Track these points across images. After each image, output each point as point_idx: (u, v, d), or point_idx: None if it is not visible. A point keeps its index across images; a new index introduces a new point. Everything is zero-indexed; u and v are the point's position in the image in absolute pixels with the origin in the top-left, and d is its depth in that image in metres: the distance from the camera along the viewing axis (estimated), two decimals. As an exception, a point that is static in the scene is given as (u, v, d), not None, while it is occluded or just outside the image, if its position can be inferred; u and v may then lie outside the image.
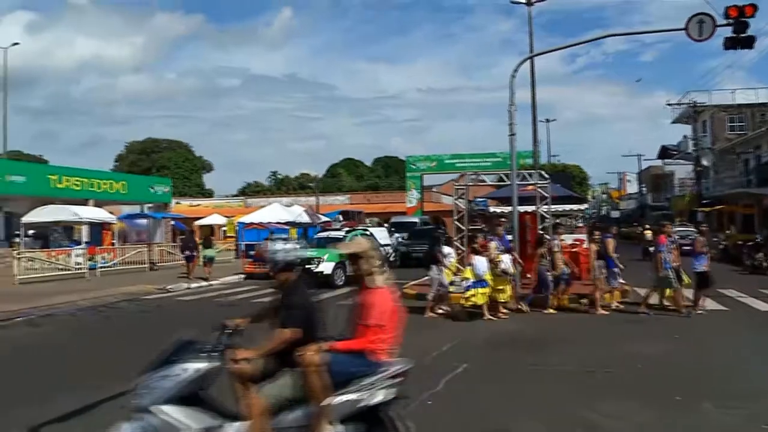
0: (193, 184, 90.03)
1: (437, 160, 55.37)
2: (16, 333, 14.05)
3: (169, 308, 18.10)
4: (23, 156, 75.97)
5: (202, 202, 74.27)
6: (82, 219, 30.53)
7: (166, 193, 44.74)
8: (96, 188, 37.64)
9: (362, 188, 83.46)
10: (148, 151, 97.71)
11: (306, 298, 5.89)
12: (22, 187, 33.37)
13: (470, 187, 20.58)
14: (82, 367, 10.33)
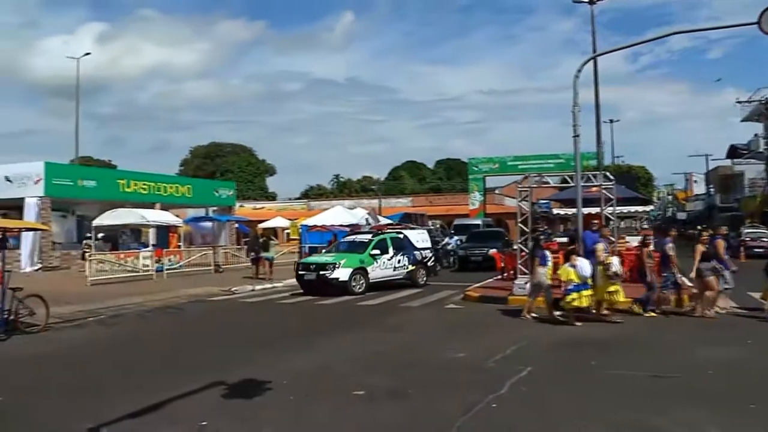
0: (256, 188, 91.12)
1: (499, 162, 55.03)
2: (88, 332, 14.37)
3: (234, 310, 18.33)
4: (93, 161, 77.99)
5: (265, 205, 75.09)
6: (150, 222, 31.12)
7: (231, 197, 45.34)
8: (162, 192, 38.37)
9: (424, 191, 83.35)
10: (212, 155, 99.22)
11: None
12: (93, 191, 34.25)
13: (534, 189, 20.31)
14: (152, 365, 10.52)
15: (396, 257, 22.47)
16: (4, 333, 13.14)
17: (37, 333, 13.73)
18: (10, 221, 19.95)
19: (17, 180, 32.82)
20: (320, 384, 8.96)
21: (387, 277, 22.21)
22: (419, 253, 23.39)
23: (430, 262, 24.17)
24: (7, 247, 14.59)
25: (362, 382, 8.85)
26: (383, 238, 22.78)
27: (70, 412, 7.78)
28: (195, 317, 17.00)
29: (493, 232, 34.68)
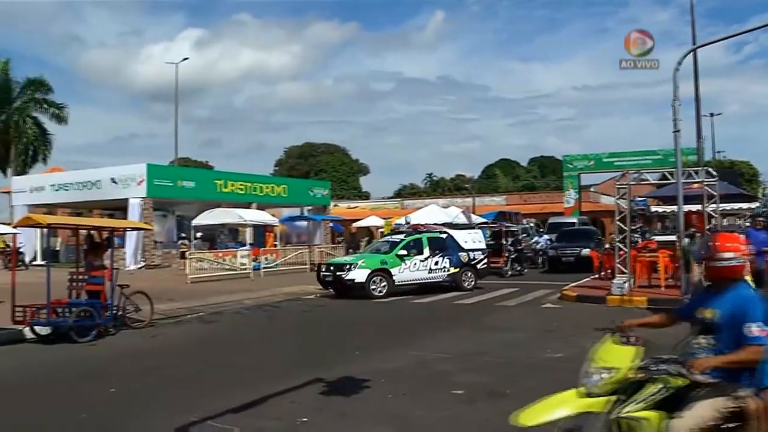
0: (350, 187, 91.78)
1: (595, 159, 53.89)
2: (189, 328, 14.80)
3: (330, 308, 18.55)
4: (191, 162, 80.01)
5: (359, 204, 75.56)
6: (247, 222, 31.78)
7: (326, 196, 45.88)
8: (259, 192, 39.13)
9: (518, 189, 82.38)
10: (306, 155, 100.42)
11: None
12: (192, 191, 35.21)
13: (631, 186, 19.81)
14: (251, 361, 10.75)
15: (433, 258, 21.30)
16: (113, 327, 13.67)
17: (142, 328, 14.23)
18: (117, 221, 20.72)
19: (122, 181, 34.06)
20: (418, 382, 8.98)
21: (420, 280, 21.11)
22: (466, 254, 22.03)
23: (481, 264, 22.61)
24: (112, 246, 15.13)
25: (460, 381, 8.85)
26: (417, 239, 21.76)
27: (176, 404, 8.03)
28: (292, 315, 17.27)
29: (585, 231, 32.90)
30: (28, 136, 48.40)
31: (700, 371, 4.01)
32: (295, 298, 20.61)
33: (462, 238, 22.51)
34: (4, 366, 10.61)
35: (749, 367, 4.12)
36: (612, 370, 4.29)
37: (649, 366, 4.23)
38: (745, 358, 4.10)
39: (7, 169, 48.93)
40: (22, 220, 15.68)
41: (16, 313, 12.93)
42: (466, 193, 69.05)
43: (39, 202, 37.79)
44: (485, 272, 23.13)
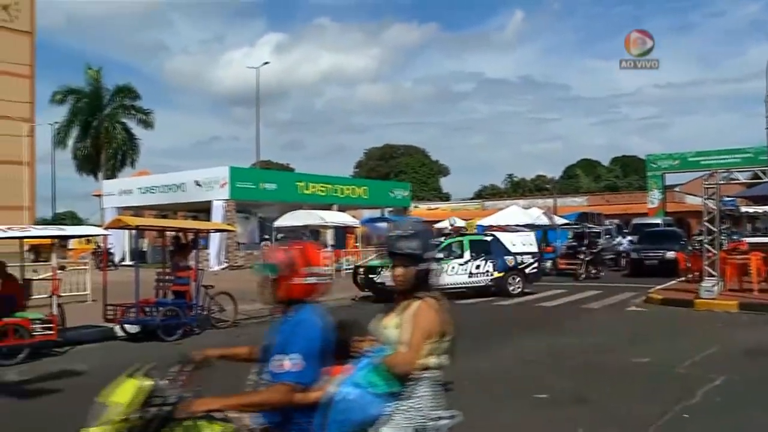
0: (430, 188, 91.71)
1: (680, 158, 52.39)
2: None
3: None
4: (273, 165, 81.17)
5: (439, 206, 75.41)
6: (328, 223, 32.00)
7: (406, 197, 45.91)
8: (339, 193, 39.41)
9: (600, 189, 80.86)
10: (386, 157, 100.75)
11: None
12: (274, 193, 35.68)
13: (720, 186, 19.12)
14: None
15: (474, 262, 20.51)
16: (198, 327, 13.91)
17: (226, 328, 14.45)
18: (202, 223, 21.12)
19: (206, 184, 34.76)
20: (502, 386, 8.86)
21: (459, 284, 20.07)
22: (512, 258, 20.94)
23: (530, 269, 21.36)
24: (197, 247, 15.40)
25: (544, 385, 8.69)
26: (457, 241, 21.30)
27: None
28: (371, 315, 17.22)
29: (670, 232, 31.37)
30: (118, 141, 49.92)
31: (191, 412, 3.25)
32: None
33: (510, 241, 21.58)
34: (97, 362, 10.88)
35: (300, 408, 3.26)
36: (113, 407, 3.43)
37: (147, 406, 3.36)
38: (264, 400, 3.34)
39: (98, 173, 50.55)
40: (113, 222, 16.15)
41: (107, 312, 13.30)
42: (547, 194, 68.18)
43: (127, 204, 38.87)
44: (535, 277, 21.86)
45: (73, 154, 51.44)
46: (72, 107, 50.09)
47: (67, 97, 49.97)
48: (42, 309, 12.01)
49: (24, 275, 12.84)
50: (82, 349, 12.13)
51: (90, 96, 49.82)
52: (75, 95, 49.91)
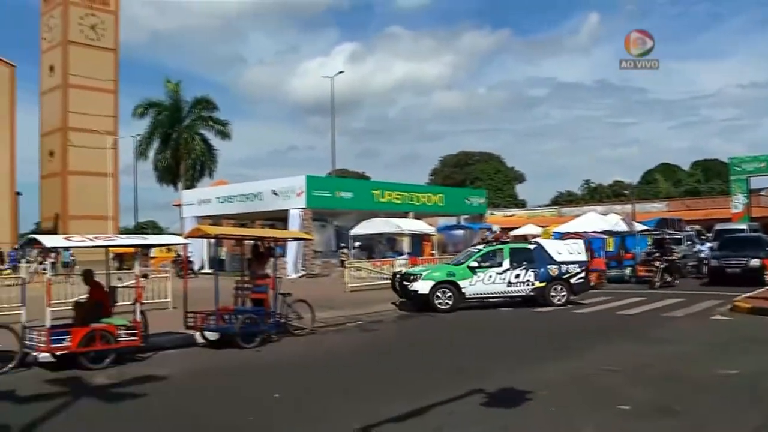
0: (506, 195, 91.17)
1: (766, 161, 50.76)
2: (349, 336, 15.02)
3: (488, 317, 18.32)
4: (348, 173, 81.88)
5: (515, 213, 74.90)
6: (404, 231, 32.01)
7: (482, 205, 45.58)
8: (415, 201, 39.33)
9: (680, 194, 79.06)
10: (461, 164, 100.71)
11: None
12: (350, 202, 35.84)
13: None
14: (411, 371, 10.75)
15: (514, 271, 19.90)
16: (276, 334, 14.06)
17: (304, 335, 14.56)
18: (280, 231, 21.36)
19: (282, 193, 35.13)
20: (581, 396, 8.70)
21: (496, 294, 19.91)
22: (556, 267, 20.25)
23: (576, 279, 20.41)
24: (274, 256, 15.57)
25: (627, 396, 8.47)
26: (496, 250, 20.67)
27: (338, 411, 8.15)
28: (451, 323, 17.19)
29: (753, 239, 29.55)
30: (196, 151, 51.06)
31: None
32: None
33: (556, 250, 20.90)
34: (178, 368, 11.11)
35: None
36: None
37: None
38: None
39: (178, 184, 51.77)
40: (193, 231, 16.47)
41: (188, 319, 13.56)
42: (625, 200, 66.93)
43: (206, 213, 39.58)
44: (582, 287, 20.78)
45: (154, 165, 52.92)
46: (153, 120, 51.56)
47: (148, 110, 51.47)
48: (126, 315, 12.31)
49: (109, 283, 13.17)
50: (163, 355, 12.38)
51: (170, 108, 51.14)
52: (155, 108, 51.33)
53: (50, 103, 78.92)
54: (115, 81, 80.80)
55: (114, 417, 8.24)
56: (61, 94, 76.80)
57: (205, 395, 9.34)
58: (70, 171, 76.13)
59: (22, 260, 17.56)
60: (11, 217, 67.02)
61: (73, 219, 73.26)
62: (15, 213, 68.55)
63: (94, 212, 70.96)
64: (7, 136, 66.78)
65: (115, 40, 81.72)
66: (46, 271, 14.20)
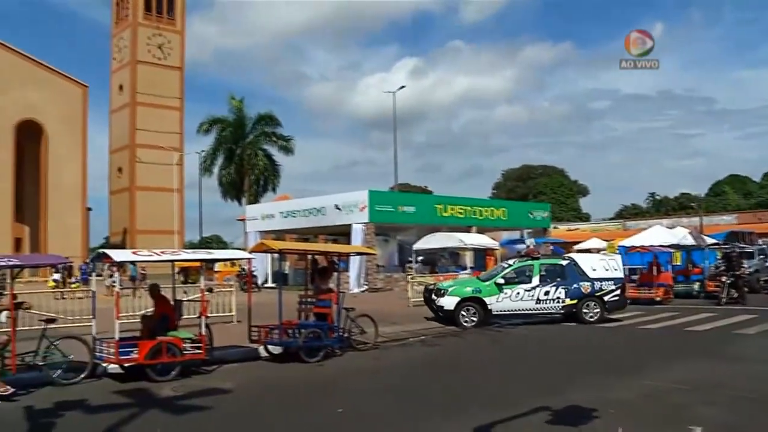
0: (569, 209, 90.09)
1: (843, 172, 49.18)
2: (412, 351, 14.90)
3: (553, 332, 18.04)
4: (410, 188, 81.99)
5: (579, 226, 73.90)
6: (467, 245, 31.85)
7: (545, 219, 45.12)
8: (478, 215, 39.15)
9: (751, 206, 76.95)
10: (524, 177, 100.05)
11: None
12: (413, 216, 35.85)
13: None
14: (474, 387, 10.60)
15: (543, 288, 19.33)
16: (339, 349, 14.05)
17: (367, 350, 14.51)
18: (343, 246, 21.43)
19: (345, 208, 35.31)
20: (650, 414, 8.46)
21: (524, 310, 19.37)
22: (589, 284, 19.46)
23: (610, 296, 19.55)
24: (338, 270, 15.60)
25: (698, 416, 8.21)
26: (525, 266, 20.02)
27: (402, 426, 8.10)
28: (514, 338, 16.97)
29: None
30: (260, 167, 51.69)
31: None
32: (515, 323, 20.22)
33: (590, 266, 20.11)
34: (242, 381, 11.19)
35: None
36: None
37: None
38: None
39: (242, 199, 52.46)
40: (257, 246, 16.60)
41: (252, 333, 13.65)
42: (692, 213, 65.53)
43: (269, 228, 40.01)
44: (617, 305, 19.85)
45: (219, 181, 53.74)
46: (217, 136, 52.45)
47: (212, 126, 52.37)
48: (192, 329, 12.44)
49: (175, 296, 13.34)
50: (228, 368, 12.47)
51: (234, 125, 51.92)
52: (220, 124, 52.19)
53: (119, 121, 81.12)
54: (181, 98, 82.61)
55: (179, 429, 8.32)
56: (130, 112, 78.89)
57: (269, 409, 9.38)
58: (137, 186, 78.00)
59: (93, 274, 17.93)
60: (82, 231, 68.86)
61: (141, 233, 74.98)
62: (86, 228, 70.41)
63: (160, 227, 72.37)
64: (79, 153, 68.78)
65: (181, 59, 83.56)
66: (115, 285, 14.44)
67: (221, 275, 40.34)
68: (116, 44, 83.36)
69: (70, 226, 66.37)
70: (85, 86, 70.55)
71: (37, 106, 65.80)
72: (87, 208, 71.25)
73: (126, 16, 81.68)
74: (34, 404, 9.53)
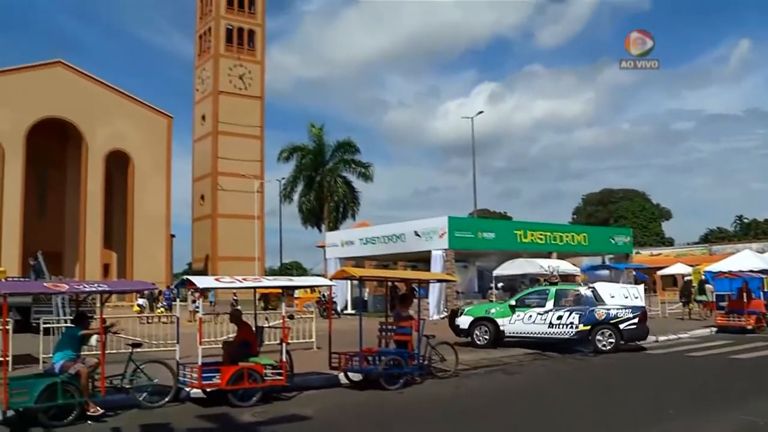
0: (651, 233, 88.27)
1: None
2: (493, 379, 14.65)
3: (640, 361, 17.55)
4: (489, 213, 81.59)
5: (663, 251, 72.16)
6: (548, 271, 31.36)
7: (627, 244, 44.13)
8: (558, 241, 38.55)
9: None
10: (604, 201, 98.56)
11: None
12: (492, 242, 35.52)
13: None
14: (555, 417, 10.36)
15: (556, 312, 19.11)
16: (419, 376, 13.95)
17: (447, 378, 14.36)
18: (424, 273, 21.39)
19: (424, 234, 35.22)
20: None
21: (536, 334, 19.35)
22: (604, 311, 18.89)
23: (627, 325, 18.77)
24: (417, 297, 15.53)
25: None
26: (541, 290, 20.34)
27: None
28: (597, 367, 16.58)
29: None
30: (339, 194, 52.09)
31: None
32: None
33: (609, 293, 19.56)
34: (322, 408, 11.18)
35: None
36: None
37: None
38: None
39: (322, 225, 52.94)
40: (338, 273, 16.68)
41: (332, 360, 13.66)
42: (785, 236, 63.25)
43: (349, 255, 40.23)
44: (634, 334, 19.01)
45: (299, 208, 54.32)
46: (297, 163, 53.12)
47: (292, 154, 53.10)
48: (272, 355, 12.53)
49: (257, 323, 13.48)
50: (308, 395, 12.49)
51: (313, 152, 52.52)
52: (300, 152, 52.86)
53: (202, 150, 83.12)
54: (261, 127, 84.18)
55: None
56: (212, 141, 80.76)
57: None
58: (219, 214, 79.56)
59: (176, 299, 18.29)
60: (166, 258, 70.55)
61: (222, 259, 76.39)
62: (170, 254, 72.11)
63: (241, 253, 73.57)
64: (163, 182, 70.70)
65: (261, 88, 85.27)
66: (198, 311, 14.69)
67: (301, 301, 40.68)
68: (199, 76, 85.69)
69: (155, 253, 68.21)
70: (170, 117, 72.63)
71: (125, 136, 68.11)
72: (171, 234, 73.00)
73: (208, 49, 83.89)
74: (121, 426, 9.79)
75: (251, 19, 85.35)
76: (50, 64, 65.67)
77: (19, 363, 14.99)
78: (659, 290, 49.62)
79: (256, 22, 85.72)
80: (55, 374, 10.34)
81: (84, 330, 11.28)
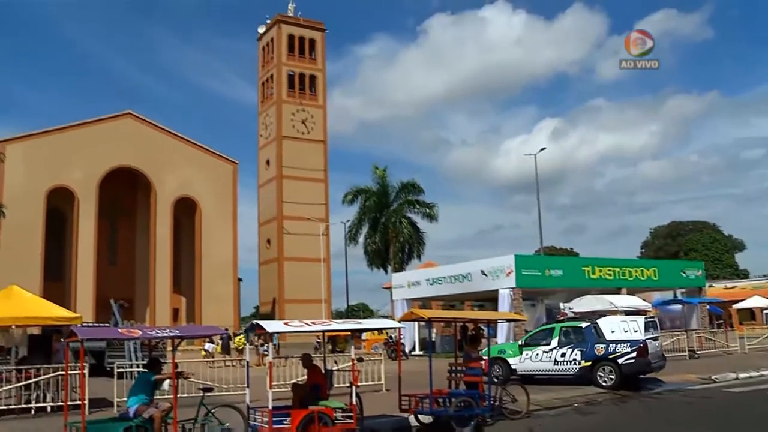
0: (724, 265, 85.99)
1: None
2: (565, 420, 14.39)
3: (715, 400, 17.01)
4: (556, 250, 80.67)
5: (738, 284, 70.10)
6: (618, 307, 30.76)
7: (699, 277, 43.07)
8: (628, 276, 37.82)
9: None
10: (673, 234, 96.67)
11: None
12: (560, 280, 35.05)
13: None
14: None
15: (561, 349, 19.45)
16: (490, 418, 13.77)
17: (519, 419, 14.14)
18: (493, 313, 21.27)
19: (491, 273, 34.94)
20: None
21: (543, 371, 19.72)
22: (603, 346, 18.88)
23: (626, 359, 18.55)
24: (483, 336, 15.40)
25: None
26: (548, 328, 20.74)
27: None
28: (671, 406, 16.12)
29: None
30: (404, 235, 52.09)
31: None
32: (676, 388, 19.24)
33: (610, 328, 19.48)
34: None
35: None
36: None
37: None
38: None
39: (387, 266, 52.97)
40: (406, 315, 16.68)
41: (402, 402, 13.58)
42: None
43: (415, 296, 40.09)
44: (633, 368, 18.70)
45: (364, 249, 54.46)
46: (361, 206, 53.40)
47: (357, 196, 53.47)
48: (342, 398, 12.51)
49: (326, 366, 13.50)
50: (380, 438, 12.42)
51: (377, 194, 52.77)
52: (364, 194, 53.19)
53: (267, 195, 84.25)
54: (325, 170, 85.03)
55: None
56: (277, 185, 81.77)
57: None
58: (285, 257, 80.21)
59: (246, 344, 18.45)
60: (234, 301, 71.38)
61: (289, 302, 76.82)
62: (237, 298, 72.92)
63: (308, 296, 73.94)
64: (230, 227, 71.88)
65: (324, 132, 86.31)
66: (267, 354, 14.80)
67: (369, 343, 40.66)
68: (262, 122, 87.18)
69: (223, 296, 69.11)
70: (236, 163, 74.03)
71: (192, 183, 69.68)
72: (238, 278, 73.89)
73: (271, 95, 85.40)
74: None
75: (312, 65, 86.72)
76: (120, 116, 67.86)
77: (95, 406, 15.32)
78: (736, 324, 48.21)
79: (317, 68, 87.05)
80: (130, 418, 10.51)
81: (157, 375, 11.46)
